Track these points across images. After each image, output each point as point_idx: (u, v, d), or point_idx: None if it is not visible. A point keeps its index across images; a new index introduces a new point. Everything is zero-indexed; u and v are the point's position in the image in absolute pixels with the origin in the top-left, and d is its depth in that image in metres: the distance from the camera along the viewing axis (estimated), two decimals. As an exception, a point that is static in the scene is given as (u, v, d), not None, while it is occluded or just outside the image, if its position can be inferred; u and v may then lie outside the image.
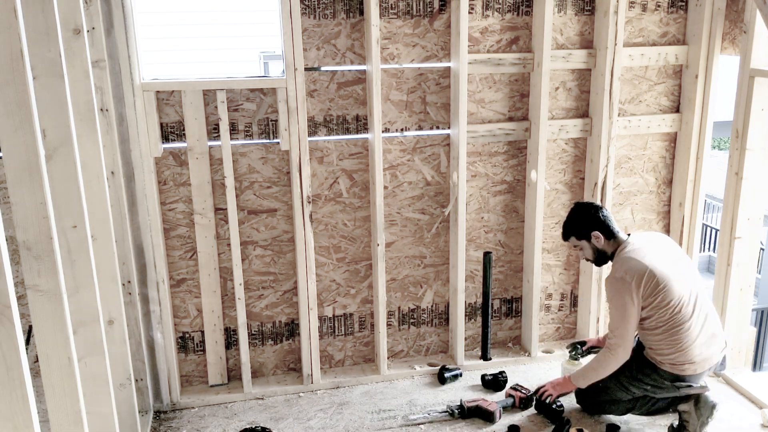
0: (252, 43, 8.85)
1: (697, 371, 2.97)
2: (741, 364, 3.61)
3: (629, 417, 3.21)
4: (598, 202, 3.12)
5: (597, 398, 3.20)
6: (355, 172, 3.48)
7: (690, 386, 2.99)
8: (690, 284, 2.98)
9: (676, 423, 3.05)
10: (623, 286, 2.92)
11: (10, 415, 1.54)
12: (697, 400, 2.94)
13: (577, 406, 3.32)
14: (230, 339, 3.54)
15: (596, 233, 3.05)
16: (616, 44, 3.44)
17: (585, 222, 3.08)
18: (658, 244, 3.09)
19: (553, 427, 3.13)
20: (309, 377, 3.55)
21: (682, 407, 3.00)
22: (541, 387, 3.26)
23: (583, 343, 3.45)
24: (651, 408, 3.12)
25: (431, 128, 3.51)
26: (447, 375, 3.58)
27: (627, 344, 2.97)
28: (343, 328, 3.68)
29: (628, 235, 3.08)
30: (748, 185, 3.34)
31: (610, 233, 3.06)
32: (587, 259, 3.18)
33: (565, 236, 3.18)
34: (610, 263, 3.13)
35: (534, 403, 3.28)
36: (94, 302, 2.20)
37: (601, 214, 3.07)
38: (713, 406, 2.91)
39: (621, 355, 2.99)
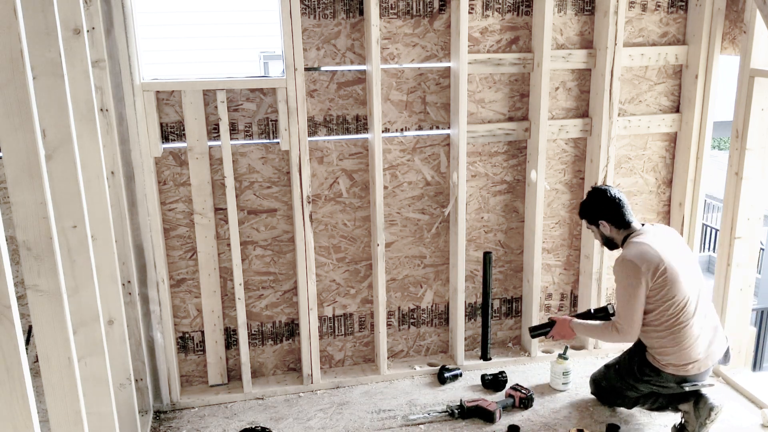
0: (252, 43, 8.85)
1: (701, 369, 2.97)
2: (741, 364, 3.62)
3: (629, 417, 3.22)
4: (614, 189, 3.11)
5: (609, 395, 3.27)
6: (355, 172, 3.48)
7: (695, 385, 2.99)
8: (695, 283, 2.98)
9: (677, 423, 3.05)
10: (634, 269, 2.90)
11: (10, 415, 1.54)
12: (697, 401, 2.94)
13: (591, 397, 3.38)
14: (230, 339, 3.54)
15: (603, 222, 3.07)
16: (616, 44, 3.44)
17: (595, 209, 3.11)
18: (669, 238, 3.08)
19: None
20: (309, 377, 3.55)
21: (682, 407, 3.01)
22: (550, 326, 3.28)
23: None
24: (653, 405, 3.15)
25: (431, 128, 3.51)
26: (447, 375, 3.58)
27: (633, 330, 2.95)
28: (343, 328, 3.68)
29: (643, 224, 3.08)
30: (748, 185, 3.34)
31: (620, 223, 3.05)
32: (598, 241, 3.22)
33: (580, 216, 3.23)
34: (620, 249, 3.10)
35: (533, 332, 3.36)
36: (94, 302, 2.20)
37: (614, 205, 3.05)
38: (711, 408, 2.90)
39: (624, 339, 3.01)
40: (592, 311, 3.29)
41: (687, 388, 2.99)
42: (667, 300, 2.90)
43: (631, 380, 3.10)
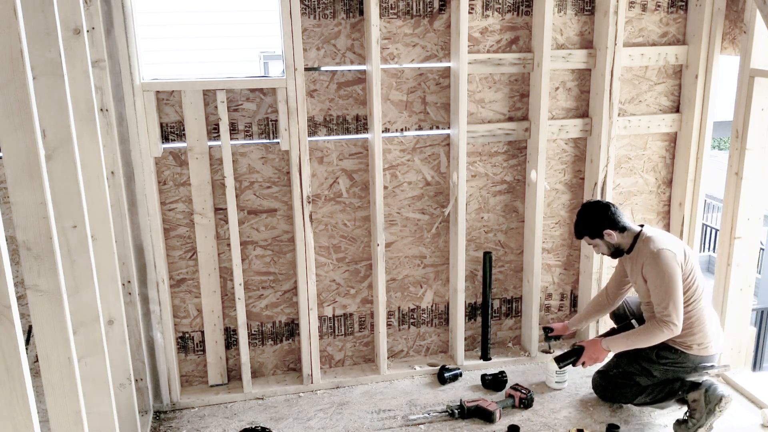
0: (252, 43, 8.85)
1: (717, 350, 3.11)
2: (741, 364, 3.62)
3: (629, 417, 3.22)
4: (605, 199, 3.21)
5: (615, 385, 3.25)
6: (355, 172, 3.48)
7: (713, 366, 3.10)
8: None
9: (680, 418, 3.07)
10: (672, 256, 2.97)
11: (10, 415, 1.54)
12: (708, 389, 3.00)
13: (591, 397, 3.38)
14: (230, 339, 3.54)
15: (608, 231, 3.11)
16: (616, 44, 3.44)
17: (596, 221, 3.13)
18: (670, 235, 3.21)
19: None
20: (309, 377, 3.55)
21: (692, 395, 3.03)
22: (577, 353, 3.23)
23: (550, 330, 3.56)
24: (657, 396, 3.16)
25: (431, 128, 3.51)
26: (447, 375, 3.58)
27: (681, 321, 2.96)
28: (343, 328, 3.68)
29: (641, 225, 3.16)
30: (748, 185, 3.34)
31: (622, 226, 3.12)
32: (603, 254, 3.24)
33: (578, 236, 3.23)
34: (625, 255, 3.20)
35: (560, 363, 3.29)
36: (94, 302, 2.20)
37: (610, 212, 3.12)
38: (722, 397, 2.95)
39: (674, 333, 2.98)
40: (617, 329, 3.34)
41: (706, 370, 3.08)
42: (693, 282, 3.02)
43: (645, 363, 3.12)
